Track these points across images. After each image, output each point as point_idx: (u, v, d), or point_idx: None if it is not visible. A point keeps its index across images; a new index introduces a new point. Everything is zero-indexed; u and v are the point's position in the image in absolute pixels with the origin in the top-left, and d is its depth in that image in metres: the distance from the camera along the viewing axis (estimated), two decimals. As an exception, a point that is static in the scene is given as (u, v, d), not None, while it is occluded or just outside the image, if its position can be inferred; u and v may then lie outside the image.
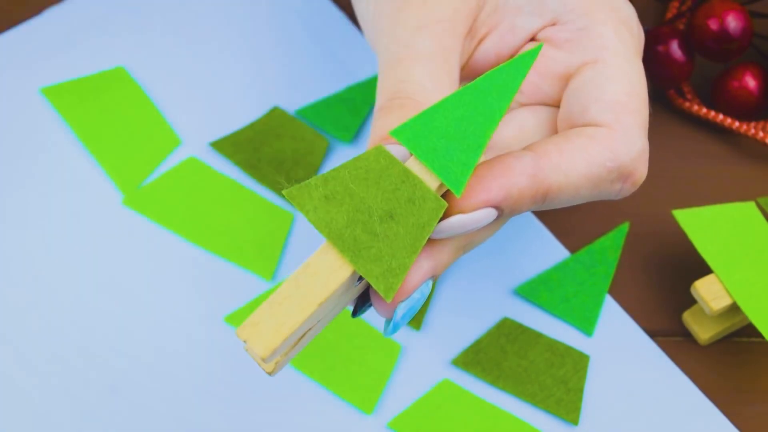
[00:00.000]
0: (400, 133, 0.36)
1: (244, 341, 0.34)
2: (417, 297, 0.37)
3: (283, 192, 0.36)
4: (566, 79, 0.42)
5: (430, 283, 0.38)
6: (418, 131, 0.36)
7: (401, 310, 0.37)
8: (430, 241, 0.38)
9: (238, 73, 0.55)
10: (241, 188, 0.51)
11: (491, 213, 0.37)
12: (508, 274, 0.50)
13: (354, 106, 0.54)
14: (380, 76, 0.41)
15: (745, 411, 0.47)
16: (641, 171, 0.40)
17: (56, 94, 0.53)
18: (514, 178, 0.37)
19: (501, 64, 0.37)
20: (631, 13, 0.42)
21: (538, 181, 0.38)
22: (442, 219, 0.36)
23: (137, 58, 0.55)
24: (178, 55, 0.55)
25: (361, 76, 0.55)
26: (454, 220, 0.36)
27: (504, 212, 0.38)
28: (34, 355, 0.47)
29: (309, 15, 0.57)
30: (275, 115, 0.53)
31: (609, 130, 0.39)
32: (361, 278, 0.36)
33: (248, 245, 0.50)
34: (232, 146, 0.52)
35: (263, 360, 0.35)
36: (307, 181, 0.36)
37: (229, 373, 0.47)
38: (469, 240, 0.39)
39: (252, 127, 0.53)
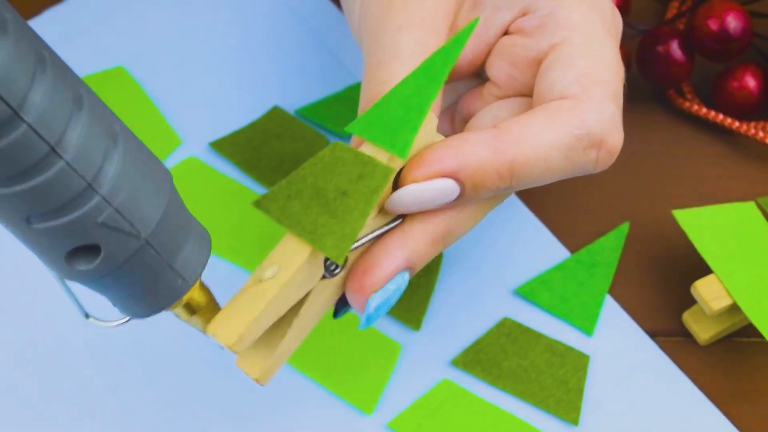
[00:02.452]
0: (355, 126, 0.37)
1: (213, 335, 0.35)
2: (392, 288, 0.37)
3: (252, 203, 0.37)
4: (537, 65, 0.42)
5: (407, 275, 0.38)
6: (370, 120, 0.37)
7: (374, 302, 0.37)
8: (404, 231, 0.38)
9: (238, 73, 0.55)
10: (241, 188, 0.51)
11: (449, 184, 0.37)
12: (508, 274, 0.50)
13: (354, 105, 0.54)
14: (363, 77, 0.41)
15: (745, 411, 0.47)
16: (615, 137, 0.40)
17: (56, 94, 0.53)
18: (471, 149, 0.37)
19: (442, 45, 0.38)
20: (605, 0, 0.42)
21: (500, 153, 0.37)
22: (397, 190, 0.37)
23: (137, 58, 0.55)
24: (179, 55, 0.55)
25: (361, 75, 0.55)
26: (409, 188, 0.37)
27: (465, 187, 0.37)
28: (34, 356, 0.47)
29: (308, 15, 0.57)
30: (275, 115, 0.54)
31: (575, 101, 0.39)
32: (334, 270, 0.37)
33: (247, 244, 0.50)
34: (232, 146, 0.52)
35: (231, 349, 0.35)
36: (273, 187, 0.37)
37: (229, 372, 0.47)
38: (446, 230, 0.39)
39: (252, 127, 0.53)
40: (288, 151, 0.52)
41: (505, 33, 0.43)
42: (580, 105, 0.39)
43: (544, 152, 0.38)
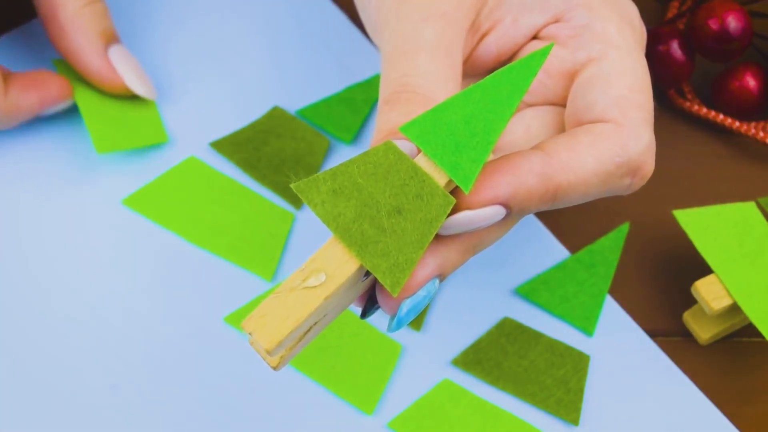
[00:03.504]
0: (409, 129, 0.36)
1: (250, 333, 0.34)
2: (423, 294, 0.37)
3: (292, 185, 0.36)
4: (571, 77, 0.42)
5: (437, 282, 0.38)
6: (426, 128, 0.36)
7: (406, 306, 0.37)
8: (438, 240, 0.38)
9: (238, 73, 0.55)
10: (241, 188, 0.51)
11: (499, 211, 0.37)
12: (508, 274, 0.50)
13: (354, 106, 0.54)
14: (384, 68, 0.41)
15: (745, 411, 0.47)
16: (649, 164, 0.40)
17: (56, 94, 0.53)
18: (523, 176, 0.37)
19: (511, 63, 0.37)
20: (633, 10, 0.43)
21: (547, 179, 0.38)
22: (449, 215, 0.36)
23: (137, 58, 0.55)
24: (179, 55, 0.55)
25: (362, 76, 0.55)
26: (461, 216, 0.37)
27: (513, 211, 0.37)
28: (34, 356, 0.47)
29: (309, 15, 0.57)
30: (275, 115, 0.53)
31: (616, 126, 0.39)
32: (367, 274, 0.36)
33: (248, 245, 0.50)
34: (232, 146, 0.52)
35: (268, 353, 0.35)
36: (316, 175, 0.36)
37: (228, 373, 0.47)
38: (479, 240, 0.39)
39: (252, 127, 0.53)
40: (288, 151, 0.52)
41: (535, 37, 0.43)
42: (621, 132, 0.39)
43: (586, 178, 0.39)
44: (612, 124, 0.39)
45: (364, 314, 0.39)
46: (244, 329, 0.35)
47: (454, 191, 0.36)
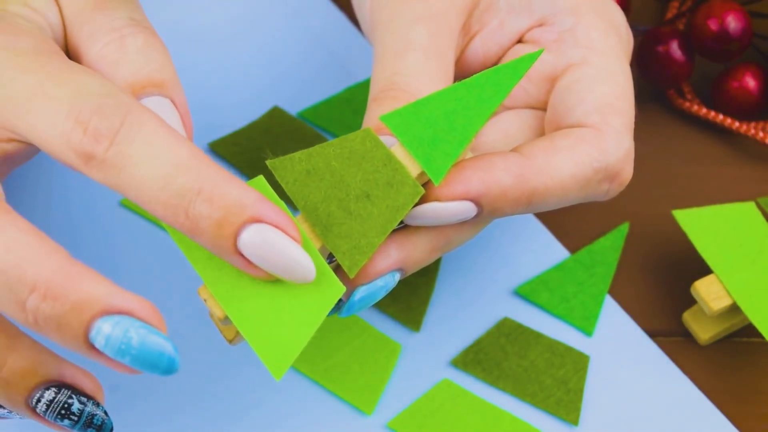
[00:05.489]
0: (390, 119, 0.37)
1: (204, 300, 0.35)
2: (379, 284, 0.37)
3: (267, 162, 0.36)
4: (552, 81, 0.42)
5: (397, 275, 0.38)
6: (407, 119, 0.36)
7: (359, 293, 0.37)
8: (405, 234, 0.38)
9: (238, 73, 0.55)
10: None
11: (469, 208, 0.37)
12: (508, 274, 0.50)
13: (355, 106, 0.54)
14: (375, 66, 0.41)
15: (745, 411, 0.47)
16: (628, 171, 0.40)
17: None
18: (497, 175, 0.37)
19: (498, 65, 0.37)
20: (619, 17, 0.42)
21: (523, 181, 0.38)
22: (418, 205, 0.37)
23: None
24: (178, 55, 0.55)
25: (362, 76, 0.55)
26: (429, 207, 0.37)
27: (484, 210, 0.37)
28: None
29: (309, 15, 0.57)
30: (275, 115, 0.54)
31: (596, 131, 0.39)
32: (331, 257, 0.37)
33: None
34: (232, 146, 0.52)
35: (221, 321, 0.35)
36: (291, 154, 0.36)
37: (228, 373, 0.47)
38: (446, 240, 0.39)
39: (252, 127, 0.53)
40: (288, 152, 0.52)
41: (520, 41, 0.43)
42: (601, 137, 0.39)
43: (563, 182, 0.38)
44: (591, 129, 0.39)
45: None
46: (200, 295, 0.35)
47: (427, 185, 0.37)
